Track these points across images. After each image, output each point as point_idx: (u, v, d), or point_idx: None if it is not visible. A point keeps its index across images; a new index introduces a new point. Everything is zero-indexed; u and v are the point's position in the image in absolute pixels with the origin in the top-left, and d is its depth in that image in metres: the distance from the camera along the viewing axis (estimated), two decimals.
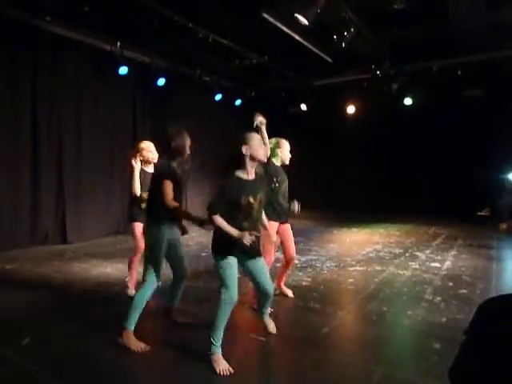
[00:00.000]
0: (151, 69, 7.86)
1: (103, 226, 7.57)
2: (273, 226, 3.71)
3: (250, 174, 2.81)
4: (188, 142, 3.21)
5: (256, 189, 2.79)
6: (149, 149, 4.09)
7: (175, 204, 3.02)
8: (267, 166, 3.69)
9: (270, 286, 2.98)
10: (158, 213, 3.07)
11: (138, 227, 3.92)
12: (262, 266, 2.93)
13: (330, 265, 5.69)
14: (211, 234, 2.89)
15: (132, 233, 4.11)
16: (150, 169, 4.03)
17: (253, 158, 2.79)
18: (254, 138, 2.84)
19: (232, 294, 2.73)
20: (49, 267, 5.28)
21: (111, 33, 6.74)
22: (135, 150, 4.10)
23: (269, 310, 3.27)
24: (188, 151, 3.22)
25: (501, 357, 1.03)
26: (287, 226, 4.00)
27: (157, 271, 3.10)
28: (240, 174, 2.78)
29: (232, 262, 2.77)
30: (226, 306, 2.72)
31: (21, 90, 6.39)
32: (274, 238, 3.66)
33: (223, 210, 2.68)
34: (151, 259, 3.13)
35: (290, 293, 4.24)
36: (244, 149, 2.76)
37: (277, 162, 3.96)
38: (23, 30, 6.03)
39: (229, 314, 2.75)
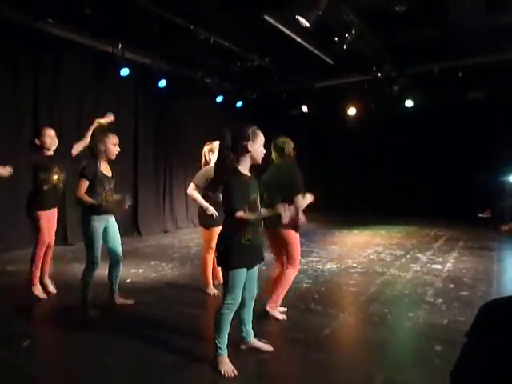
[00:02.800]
0: (152, 71, 7.87)
1: None
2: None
3: (247, 171, 2.72)
4: (104, 144, 3.67)
5: (256, 186, 2.75)
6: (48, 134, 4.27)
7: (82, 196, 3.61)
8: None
9: (255, 292, 2.94)
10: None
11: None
12: (256, 272, 2.89)
13: (331, 267, 5.69)
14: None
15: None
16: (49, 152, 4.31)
17: (252, 158, 2.69)
18: (259, 136, 2.69)
19: (237, 300, 2.69)
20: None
21: (113, 35, 6.75)
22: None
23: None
24: (106, 151, 3.69)
25: (502, 359, 1.03)
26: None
27: (92, 254, 3.60)
28: (242, 170, 2.68)
29: (243, 272, 2.67)
30: (229, 311, 2.69)
31: (22, 91, 6.41)
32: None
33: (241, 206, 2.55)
34: (87, 244, 3.62)
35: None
36: (248, 144, 2.63)
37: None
38: (25, 32, 6.05)
39: (231, 317, 2.74)
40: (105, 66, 7.22)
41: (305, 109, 10.39)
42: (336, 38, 6.49)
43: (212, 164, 4.21)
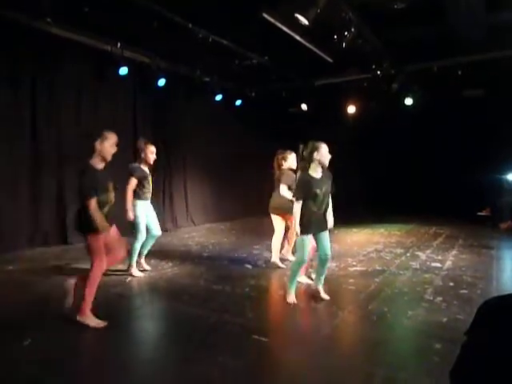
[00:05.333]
0: (151, 69, 7.85)
1: None
2: None
3: (317, 173, 3.87)
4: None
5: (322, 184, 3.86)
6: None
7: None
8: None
9: (329, 252, 4.00)
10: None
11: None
12: (327, 236, 4.01)
13: (331, 265, 5.66)
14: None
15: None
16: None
17: (321, 162, 3.82)
18: (323, 146, 3.82)
19: (305, 256, 3.95)
20: (49, 268, 5.28)
21: (111, 33, 6.73)
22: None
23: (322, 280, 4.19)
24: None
25: (502, 357, 1.03)
26: None
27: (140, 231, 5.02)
28: (312, 173, 3.85)
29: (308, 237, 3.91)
30: (297, 265, 3.98)
31: (21, 91, 6.37)
32: None
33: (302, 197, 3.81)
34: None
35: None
36: (315, 154, 3.78)
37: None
38: (24, 31, 6.02)
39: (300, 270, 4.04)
40: (103, 64, 7.19)
41: (304, 107, 10.38)
42: (335, 36, 6.48)
43: (284, 167, 5.39)
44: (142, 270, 5.11)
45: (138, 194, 4.92)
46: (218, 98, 9.38)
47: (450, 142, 10.75)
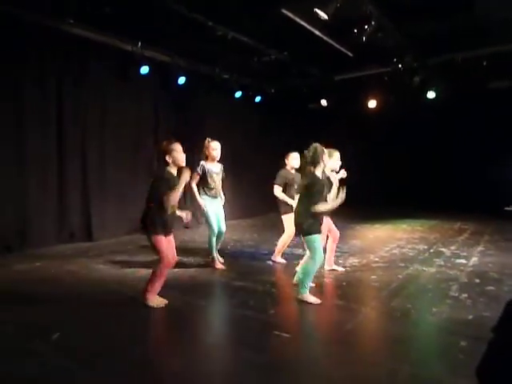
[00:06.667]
0: (171, 68, 7.92)
1: (127, 224, 7.70)
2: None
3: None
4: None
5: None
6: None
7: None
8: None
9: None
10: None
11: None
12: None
13: (353, 261, 5.65)
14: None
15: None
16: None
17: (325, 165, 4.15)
18: (325, 150, 4.08)
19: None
20: (75, 264, 5.42)
21: (131, 33, 6.82)
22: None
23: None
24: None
25: None
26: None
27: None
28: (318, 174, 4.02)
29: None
30: (317, 267, 3.92)
31: (48, 92, 6.54)
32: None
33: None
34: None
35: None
36: (322, 157, 3.98)
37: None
38: (49, 32, 6.17)
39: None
40: (126, 64, 7.30)
41: (324, 103, 10.29)
42: (355, 30, 6.40)
43: (288, 168, 5.48)
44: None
45: (203, 190, 5.24)
46: (238, 94, 9.40)
47: (475, 135, 10.49)
